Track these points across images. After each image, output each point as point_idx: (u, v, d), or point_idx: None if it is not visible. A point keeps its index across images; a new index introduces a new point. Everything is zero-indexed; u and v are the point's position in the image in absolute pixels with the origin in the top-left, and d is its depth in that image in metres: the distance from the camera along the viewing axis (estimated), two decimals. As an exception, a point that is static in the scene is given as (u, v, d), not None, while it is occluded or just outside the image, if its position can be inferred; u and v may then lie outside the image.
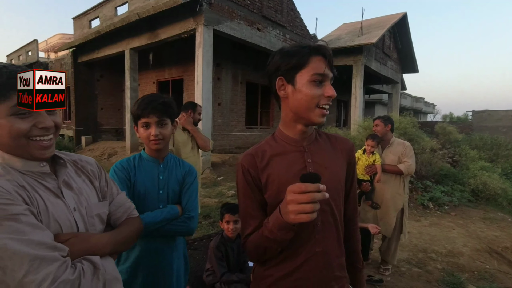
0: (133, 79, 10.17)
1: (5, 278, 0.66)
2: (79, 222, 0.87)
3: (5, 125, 0.75)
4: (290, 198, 0.78)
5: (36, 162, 0.83)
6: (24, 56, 17.01)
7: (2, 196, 0.70)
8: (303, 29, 11.75)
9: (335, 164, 1.02)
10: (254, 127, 12.13)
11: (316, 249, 0.96)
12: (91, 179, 0.99)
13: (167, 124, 1.43)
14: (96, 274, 0.78)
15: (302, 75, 0.93)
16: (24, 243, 0.68)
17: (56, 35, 30.81)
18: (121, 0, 11.20)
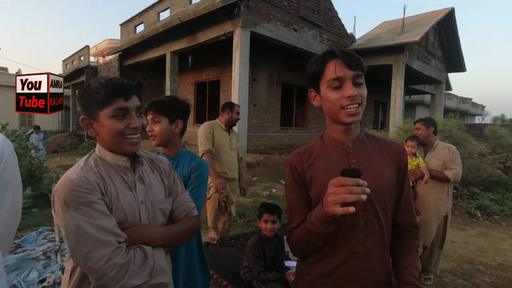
0: (173, 80, 10.61)
1: (76, 249, 0.85)
2: (142, 214, 1.00)
3: (107, 125, 0.95)
4: (330, 190, 0.84)
5: (121, 157, 1.00)
6: (77, 60, 18.44)
7: (84, 186, 0.89)
8: (340, 28, 11.52)
9: (381, 167, 1.03)
10: (289, 128, 12.10)
11: (357, 249, 0.97)
12: (162, 176, 1.13)
13: (161, 121, 1.54)
14: (145, 263, 0.90)
15: (322, 83, 1.00)
16: (92, 226, 0.85)
17: (105, 40, 33.03)
18: (163, 6, 11.75)
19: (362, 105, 0.98)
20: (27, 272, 2.92)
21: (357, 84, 0.97)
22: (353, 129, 1.04)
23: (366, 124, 14.11)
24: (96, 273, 0.84)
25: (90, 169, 0.95)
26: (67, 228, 0.87)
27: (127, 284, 0.85)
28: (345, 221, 0.97)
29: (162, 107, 1.53)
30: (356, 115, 0.97)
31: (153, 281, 0.92)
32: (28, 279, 2.81)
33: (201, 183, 1.53)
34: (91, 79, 1.01)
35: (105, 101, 0.94)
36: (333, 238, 0.98)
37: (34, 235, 3.83)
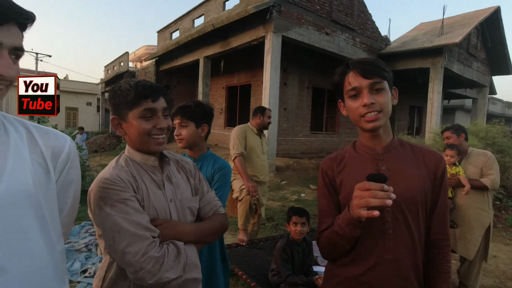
0: (205, 84, 10.93)
1: (114, 244, 0.90)
2: (172, 211, 1.05)
3: (135, 124, 1.00)
4: (355, 194, 0.87)
5: (149, 157, 1.05)
6: (117, 66, 19.58)
7: (119, 184, 0.95)
8: (374, 31, 11.24)
9: (414, 175, 1.02)
10: (319, 133, 11.96)
11: (385, 255, 0.98)
12: (188, 176, 1.18)
13: (188, 125, 1.60)
14: (178, 257, 0.94)
15: (345, 94, 1.05)
16: (128, 222, 0.90)
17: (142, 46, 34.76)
18: (198, 13, 12.17)
19: (383, 111, 0.99)
20: (71, 262, 3.17)
21: (376, 90, 0.99)
22: (382, 136, 1.05)
23: (401, 130, 13.57)
24: (133, 267, 0.88)
25: (121, 168, 1.01)
26: (104, 225, 0.92)
27: (162, 277, 0.89)
28: (373, 227, 0.98)
29: (189, 112, 1.60)
30: (375, 121, 0.98)
31: (186, 276, 0.95)
32: (72, 268, 3.04)
33: (224, 184, 1.57)
34: (121, 82, 1.06)
35: (134, 102, 0.99)
36: (362, 243, 0.99)
37: (77, 229, 4.13)
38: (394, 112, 14.20)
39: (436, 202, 1.05)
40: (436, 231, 1.05)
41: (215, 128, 13.02)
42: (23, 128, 0.77)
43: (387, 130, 1.07)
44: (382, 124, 1.01)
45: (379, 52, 11.27)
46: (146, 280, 0.88)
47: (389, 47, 11.75)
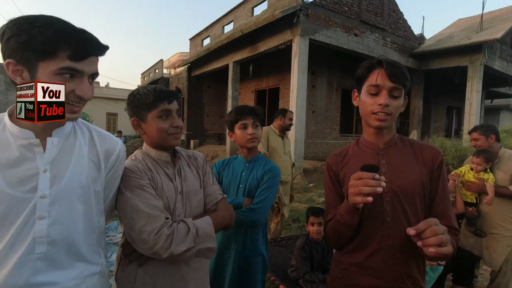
0: (234, 88, 11.21)
1: (132, 224, 1.02)
2: (178, 203, 1.17)
3: (155, 124, 1.14)
4: (350, 183, 0.96)
5: (163, 152, 1.19)
6: (153, 73, 20.63)
7: (137, 173, 1.09)
8: (406, 30, 10.89)
9: (411, 168, 1.09)
10: (348, 135, 11.77)
11: (385, 242, 1.06)
12: (198, 170, 1.30)
13: (259, 126, 1.69)
14: (188, 232, 1.05)
15: (364, 86, 1.11)
16: (145, 205, 1.04)
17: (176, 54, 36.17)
18: (227, 19, 12.53)
19: (392, 115, 1.06)
20: (109, 253, 3.47)
21: (393, 96, 1.05)
22: (385, 133, 1.14)
23: (436, 131, 12.93)
24: (148, 244, 0.99)
25: (139, 161, 1.16)
26: (125, 208, 1.04)
27: (174, 251, 1.00)
28: (374, 216, 1.07)
29: (260, 114, 1.71)
30: (383, 122, 1.06)
31: (199, 246, 1.06)
32: (110, 259, 3.34)
33: (272, 185, 1.62)
34: (139, 87, 1.20)
35: (153, 104, 1.12)
36: (364, 231, 1.09)
37: (115, 224, 4.48)
38: (430, 114, 13.65)
39: (435, 193, 1.11)
40: None
41: (244, 131, 13.23)
42: (87, 131, 0.99)
43: (390, 129, 1.15)
44: (387, 126, 1.09)
45: (412, 52, 10.89)
46: (161, 255, 1.00)
47: (422, 45, 11.30)
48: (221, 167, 1.78)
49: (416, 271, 1.08)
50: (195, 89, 15.11)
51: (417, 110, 11.54)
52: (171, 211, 1.15)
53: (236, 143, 1.75)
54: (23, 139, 0.84)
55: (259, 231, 1.68)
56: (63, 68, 0.79)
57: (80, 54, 0.80)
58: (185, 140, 15.07)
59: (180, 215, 1.17)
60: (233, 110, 1.73)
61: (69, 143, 0.91)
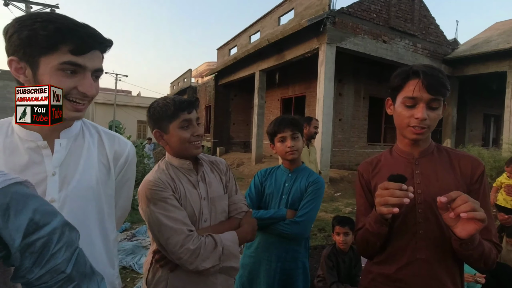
0: (260, 97, 11.30)
1: (158, 236, 1.05)
2: (204, 209, 1.19)
3: (177, 134, 1.15)
4: (377, 193, 0.94)
5: (185, 161, 1.20)
6: (181, 82, 21.31)
7: (159, 185, 1.10)
8: (438, 35, 10.51)
9: (448, 180, 1.04)
10: (376, 144, 11.44)
11: (417, 255, 1.01)
12: (221, 176, 1.30)
13: (299, 137, 1.65)
14: (215, 249, 1.06)
15: (399, 97, 1.06)
16: (168, 218, 1.05)
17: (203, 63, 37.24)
18: (254, 29, 12.74)
19: (429, 127, 1.02)
20: (139, 256, 3.59)
21: (432, 108, 1.00)
22: (421, 143, 1.09)
23: (472, 141, 12.25)
24: (175, 255, 1.03)
25: (162, 171, 1.16)
26: (149, 220, 1.07)
27: (199, 266, 1.03)
28: (405, 228, 1.03)
29: (299, 124, 1.68)
30: (420, 135, 1.02)
31: (223, 264, 1.08)
32: (140, 262, 3.45)
33: (316, 197, 1.59)
34: (158, 99, 1.20)
35: (174, 115, 1.13)
36: (395, 242, 1.05)
37: (144, 228, 4.62)
38: (465, 122, 12.98)
39: None
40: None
41: (270, 139, 13.26)
42: (96, 132, 0.97)
43: (427, 138, 1.10)
44: (424, 138, 1.05)
45: (445, 57, 10.47)
46: (186, 267, 1.04)
47: (456, 51, 10.84)
48: (263, 177, 1.74)
49: (451, 285, 1.02)
50: (222, 98, 15.41)
51: (450, 118, 11.02)
52: (197, 217, 1.16)
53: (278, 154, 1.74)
54: (31, 142, 0.81)
55: (301, 243, 1.64)
56: (65, 62, 0.76)
57: (82, 48, 0.77)
58: (212, 148, 15.34)
59: (206, 220, 1.18)
60: (272, 122, 1.72)
61: (77, 144, 0.88)
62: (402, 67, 1.09)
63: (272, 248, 1.60)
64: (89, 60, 0.79)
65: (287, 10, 10.57)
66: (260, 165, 10.46)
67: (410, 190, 0.88)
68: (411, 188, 0.89)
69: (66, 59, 0.76)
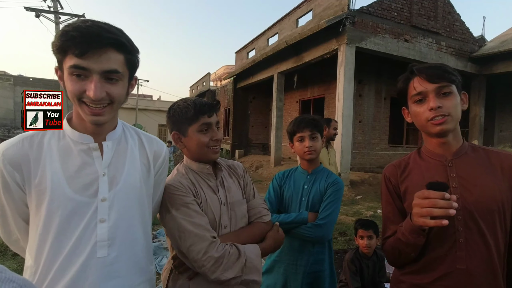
0: (279, 99, 11.27)
1: (180, 243, 1.02)
2: (223, 215, 1.15)
3: (195, 138, 1.13)
4: (414, 202, 0.88)
5: (204, 165, 1.18)
6: (200, 86, 21.66)
7: (181, 190, 1.08)
8: (463, 33, 10.12)
9: (488, 182, 0.95)
10: (399, 146, 11.13)
11: (457, 265, 0.94)
12: (239, 180, 1.27)
13: (318, 137, 1.63)
14: (238, 259, 1.02)
15: (409, 100, 1.04)
16: (190, 224, 1.02)
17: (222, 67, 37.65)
18: (272, 32, 12.75)
19: (451, 115, 0.95)
20: (160, 258, 3.65)
21: (444, 94, 0.96)
22: (451, 141, 1.01)
23: (502, 141, 11.66)
24: (197, 263, 0.99)
25: (182, 176, 1.14)
26: (171, 226, 1.04)
27: (221, 276, 0.98)
28: (444, 236, 0.96)
29: (319, 125, 1.66)
30: (443, 124, 0.95)
31: (245, 277, 1.02)
32: (161, 263, 3.51)
33: (336, 199, 1.57)
34: (179, 101, 1.17)
35: (193, 117, 1.10)
36: (432, 251, 0.98)
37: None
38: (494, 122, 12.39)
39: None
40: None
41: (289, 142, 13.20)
42: (135, 134, 1.02)
43: (457, 135, 1.02)
44: (450, 128, 0.97)
45: (471, 55, 10.06)
46: (208, 276, 0.99)
47: (484, 48, 10.38)
48: (282, 179, 1.72)
49: None
50: (241, 100, 15.49)
51: (478, 119, 10.54)
52: (217, 223, 1.12)
53: (296, 154, 1.72)
54: (83, 144, 0.87)
55: (325, 245, 1.62)
56: (70, 66, 0.77)
57: (82, 47, 0.74)
58: (230, 150, 15.44)
59: (226, 227, 1.15)
60: (292, 121, 1.70)
61: (121, 146, 0.94)
62: None
63: (296, 252, 1.58)
64: (95, 62, 0.77)
65: (305, 12, 10.51)
66: (279, 168, 10.41)
67: (453, 199, 0.81)
68: (454, 196, 0.82)
69: (71, 62, 0.77)
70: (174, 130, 1.17)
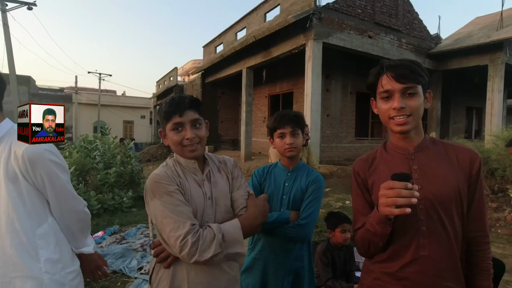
0: (248, 94, 11.24)
1: (161, 228, 1.07)
2: (207, 208, 1.18)
3: (170, 136, 1.18)
4: (380, 193, 0.91)
5: (190, 160, 1.21)
6: (167, 81, 20.99)
7: (165, 179, 1.12)
8: (422, 30, 10.70)
9: (447, 174, 1.02)
10: (364, 139, 11.58)
11: (421, 252, 1.00)
12: (227, 175, 1.30)
13: (299, 134, 1.59)
14: (215, 237, 1.06)
15: (377, 94, 1.07)
16: (172, 211, 1.07)
17: (190, 61, 36.79)
18: (240, 26, 12.65)
19: (412, 115, 1.01)
20: (129, 260, 3.50)
21: (409, 95, 1.00)
22: (413, 136, 1.07)
23: (456, 133, 12.56)
24: (176, 249, 1.03)
25: (169, 168, 1.19)
26: (154, 212, 1.09)
27: (200, 258, 1.03)
28: (407, 225, 1.01)
29: (301, 121, 1.62)
30: (404, 125, 1.01)
31: (227, 251, 1.07)
32: (130, 266, 3.36)
33: (318, 197, 1.56)
34: (166, 98, 1.23)
35: (167, 117, 1.16)
36: (397, 240, 1.03)
37: (134, 231, 4.52)
38: (449, 115, 13.31)
39: (472, 200, 1.04)
40: (474, 229, 1.04)
41: (259, 136, 13.25)
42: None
43: (419, 131, 1.08)
44: (411, 128, 1.02)
45: (429, 52, 10.67)
46: (187, 260, 1.04)
47: (439, 45, 11.05)
48: (262, 176, 1.69)
49: (455, 282, 1.01)
50: (209, 96, 15.26)
51: (435, 112, 11.26)
52: (201, 216, 1.16)
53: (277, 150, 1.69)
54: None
55: (305, 243, 1.63)
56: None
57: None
58: (200, 146, 15.16)
59: (209, 220, 1.17)
60: (272, 117, 1.66)
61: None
62: None
63: (277, 249, 1.57)
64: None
65: (273, 6, 10.53)
66: (249, 163, 10.42)
67: (415, 189, 0.86)
68: (416, 186, 0.87)
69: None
70: (160, 128, 1.24)
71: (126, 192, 5.87)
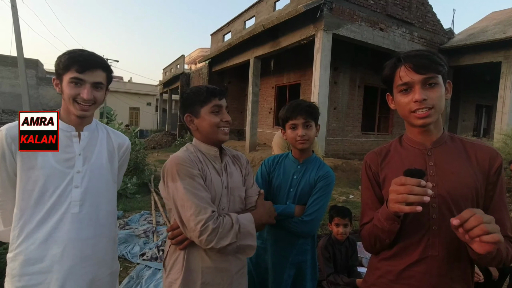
0: (255, 84, 11.12)
1: (181, 211, 1.10)
2: (223, 197, 1.23)
3: (207, 119, 1.23)
4: (391, 188, 0.87)
5: (212, 147, 1.26)
6: (174, 68, 20.88)
7: (188, 163, 1.16)
8: (435, 24, 10.43)
9: (464, 172, 0.97)
10: (370, 133, 11.46)
11: (429, 252, 0.96)
12: (241, 169, 1.36)
13: (312, 126, 1.54)
14: (232, 228, 1.11)
15: (394, 88, 1.02)
16: (194, 195, 1.10)
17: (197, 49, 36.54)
18: (249, 14, 12.45)
19: (435, 107, 0.95)
20: (131, 246, 3.53)
21: (430, 86, 0.95)
22: (432, 131, 1.02)
23: (465, 131, 12.37)
24: (195, 232, 1.06)
25: (190, 153, 1.22)
26: (175, 195, 1.11)
27: (217, 244, 1.07)
28: (418, 223, 0.98)
29: (314, 112, 1.55)
30: (427, 118, 0.95)
31: (240, 242, 1.12)
32: (133, 251, 3.40)
33: (326, 193, 1.50)
34: (191, 87, 1.29)
35: (206, 99, 1.22)
36: (406, 238, 0.99)
37: (137, 217, 4.56)
38: (458, 112, 13.10)
39: (491, 200, 0.98)
40: None
41: (264, 127, 13.20)
42: (105, 129, 1.37)
43: (438, 124, 1.03)
44: (433, 120, 0.97)
45: (441, 47, 10.42)
46: (205, 246, 1.08)
47: (452, 40, 10.79)
48: (271, 166, 1.64)
49: (462, 284, 0.97)
50: (216, 85, 14.38)
51: (444, 108, 11.06)
52: (217, 204, 1.19)
53: (288, 142, 1.64)
54: (67, 132, 1.22)
55: (309, 238, 1.60)
56: (71, 78, 1.16)
57: (81, 68, 1.16)
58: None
59: (224, 209, 1.22)
60: (285, 107, 1.60)
61: (94, 136, 1.29)
62: None
63: (280, 241, 1.56)
64: (89, 76, 1.18)
65: (283, -5, 10.32)
66: (254, 153, 10.41)
67: (429, 186, 0.81)
68: (430, 184, 0.82)
69: (72, 75, 1.16)
70: (186, 113, 1.26)
71: (131, 178, 5.91)
